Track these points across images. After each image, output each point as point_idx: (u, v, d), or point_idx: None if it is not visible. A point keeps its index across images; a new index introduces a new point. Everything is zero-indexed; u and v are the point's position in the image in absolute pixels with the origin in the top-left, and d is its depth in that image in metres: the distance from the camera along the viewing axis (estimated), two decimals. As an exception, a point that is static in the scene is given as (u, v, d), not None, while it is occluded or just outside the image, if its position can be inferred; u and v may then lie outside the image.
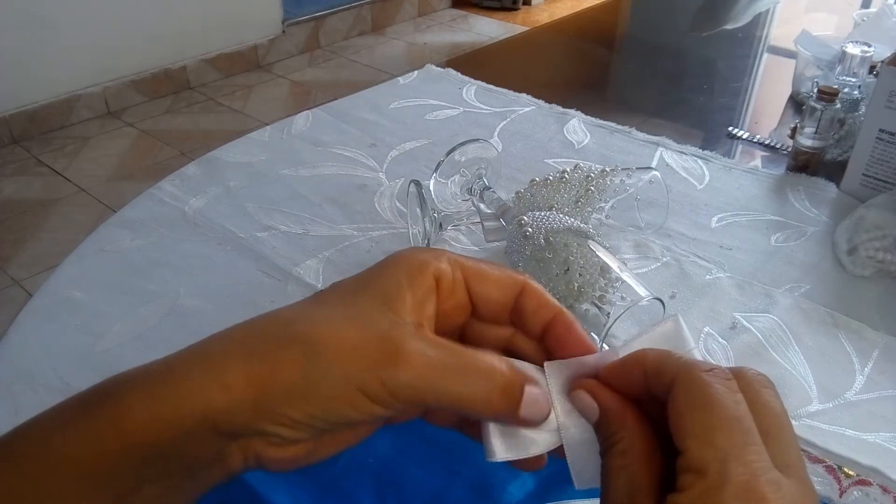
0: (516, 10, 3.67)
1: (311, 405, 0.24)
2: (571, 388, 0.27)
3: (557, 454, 0.27)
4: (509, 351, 0.29)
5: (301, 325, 0.25)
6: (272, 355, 0.25)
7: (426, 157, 0.78)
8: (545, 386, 0.27)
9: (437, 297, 0.27)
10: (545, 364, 0.28)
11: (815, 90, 0.70)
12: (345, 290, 0.27)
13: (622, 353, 0.27)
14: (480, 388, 0.25)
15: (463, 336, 0.30)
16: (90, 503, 0.24)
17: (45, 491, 0.24)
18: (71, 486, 0.24)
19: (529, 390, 0.26)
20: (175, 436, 0.24)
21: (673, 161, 0.78)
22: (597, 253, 0.51)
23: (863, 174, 0.69)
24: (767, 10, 1.26)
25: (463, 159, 0.64)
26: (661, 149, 0.80)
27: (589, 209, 0.59)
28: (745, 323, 0.55)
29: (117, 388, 0.25)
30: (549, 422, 0.27)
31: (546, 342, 0.29)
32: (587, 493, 0.40)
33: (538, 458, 0.27)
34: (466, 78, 0.96)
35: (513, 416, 0.26)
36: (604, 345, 0.50)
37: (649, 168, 0.71)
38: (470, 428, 0.29)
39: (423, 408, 0.27)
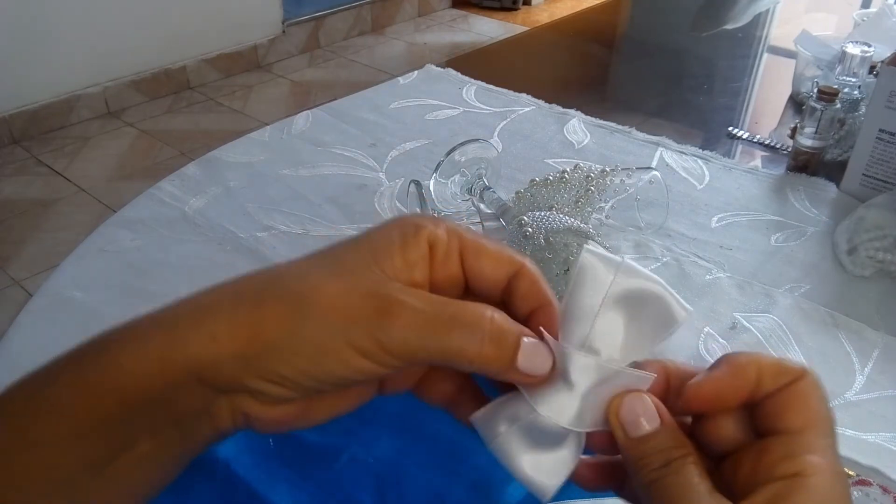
0: (516, 10, 3.67)
1: (299, 360, 0.24)
2: (618, 395, 0.25)
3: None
4: None
5: (290, 280, 0.25)
6: (260, 308, 0.24)
7: (426, 157, 0.78)
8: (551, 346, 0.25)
9: (430, 265, 0.26)
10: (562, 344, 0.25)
11: (815, 90, 0.70)
12: (337, 248, 0.26)
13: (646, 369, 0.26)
14: (472, 337, 0.24)
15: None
16: (83, 456, 0.24)
17: (39, 444, 0.24)
18: (64, 438, 0.24)
19: (528, 340, 0.25)
20: (163, 386, 0.24)
21: (673, 161, 0.78)
22: (597, 253, 0.51)
23: (863, 174, 0.69)
24: (767, 10, 1.26)
25: (463, 159, 0.64)
26: (661, 149, 0.80)
27: (589, 209, 0.59)
28: (745, 323, 0.55)
29: (108, 340, 0.25)
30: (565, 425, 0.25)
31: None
32: (589, 494, 0.40)
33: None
34: (466, 78, 0.96)
35: (510, 368, 0.25)
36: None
37: (649, 168, 0.71)
38: (460, 408, 0.28)
39: (415, 365, 0.26)
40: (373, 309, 0.24)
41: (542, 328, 0.26)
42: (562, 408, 0.25)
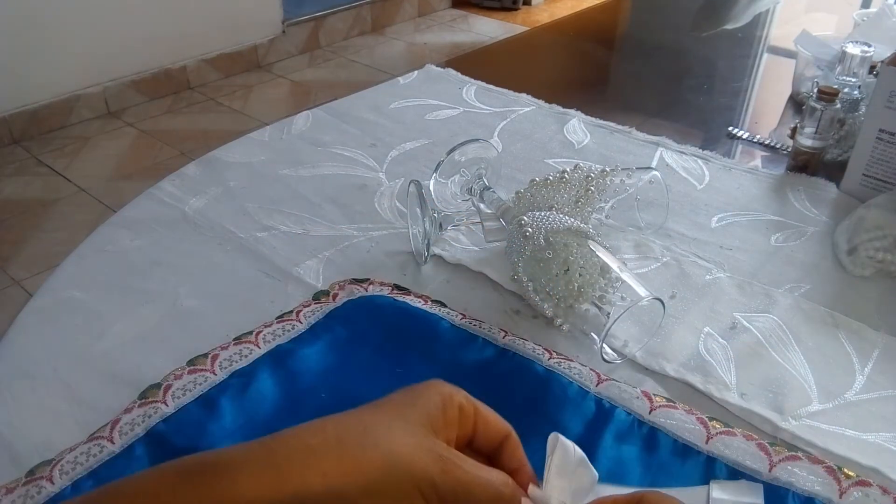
0: (516, 10, 3.67)
1: (383, 499, 0.31)
2: None
3: None
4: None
5: (380, 432, 0.32)
6: (361, 455, 0.31)
7: (426, 157, 0.78)
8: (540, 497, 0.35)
9: (457, 424, 0.35)
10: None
11: (815, 90, 0.70)
12: (403, 409, 0.34)
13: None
14: (495, 497, 0.33)
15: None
16: None
17: None
18: None
19: (524, 501, 0.34)
20: None
21: (673, 161, 0.78)
22: (597, 253, 0.51)
23: (863, 174, 0.69)
24: (767, 10, 1.26)
25: (463, 159, 0.64)
26: (661, 149, 0.80)
27: (589, 209, 0.59)
28: (745, 323, 0.55)
29: (227, 465, 0.30)
30: None
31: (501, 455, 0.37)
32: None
33: None
34: (466, 78, 0.96)
35: None
36: (603, 345, 0.50)
37: (649, 168, 0.71)
38: None
39: None
40: (437, 465, 0.32)
41: (532, 487, 0.36)
42: None
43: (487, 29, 3.46)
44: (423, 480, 0.31)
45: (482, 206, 0.62)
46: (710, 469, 0.43)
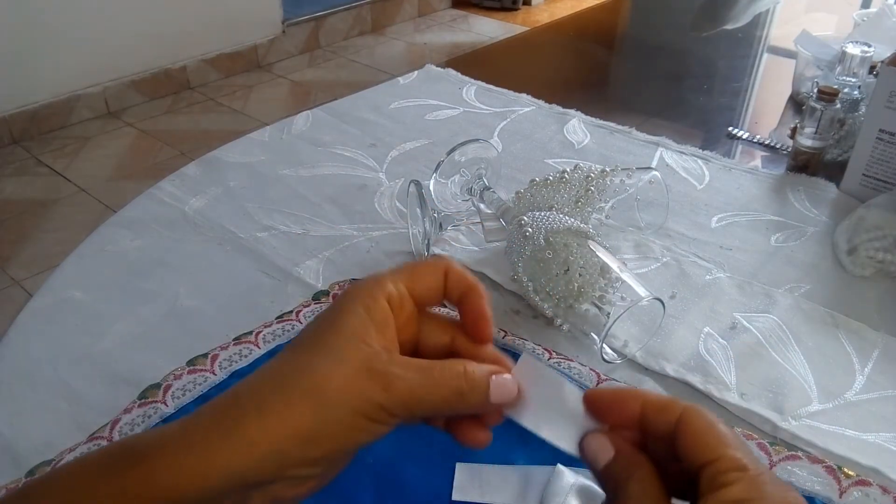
0: (516, 10, 3.67)
1: (329, 441, 0.28)
2: (582, 435, 0.30)
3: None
4: (450, 352, 0.34)
5: (301, 377, 0.29)
6: (285, 409, 0.28)
7: (426, 157, 0.78)
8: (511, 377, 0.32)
9: (394, 317, 0.31)
10: (518, 364, 0.32)
11: (815, 90, 0.70)
12: (321, 337, 0.30)
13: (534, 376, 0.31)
14: (455, 392, 0.30)
15: (417, 344, 0.34)
16: None
17: None
18: None
19: (494, 379, 0.31)
20: (204, 494, 0.27)
21: (673, 161, 0.78)
22: (597, 253, 0.51)
23: (863, 174, 0.69)
24: (767, 10, 1.26)
25: (463, 159, 0.64)
26: (661, 149, 0.80)
27: (589, 209, 0.59)
28: (745, 323, 0.55)
29: (144, 452, 0.27)
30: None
31: (461, 311, 0.33)
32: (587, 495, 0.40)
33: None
34: (466, 78, 0.96)
35: (485, 405, 0.31)
36: (603, 345, 0.50)
37: (649, 168, 0.71)
38: (454, 427, 0.34)
39: (416, 420, 0.32)
40: (378, 385, 0.29)
41: (512, 369, 0.32)
42: (554, 433, 0.31)
43: (487, 29, 3.46)
44: (367, 406, 0.29)
45: (482, 206, 0.62)
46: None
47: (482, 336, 0.33)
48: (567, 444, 0.30)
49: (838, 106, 0.71)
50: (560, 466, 0.41)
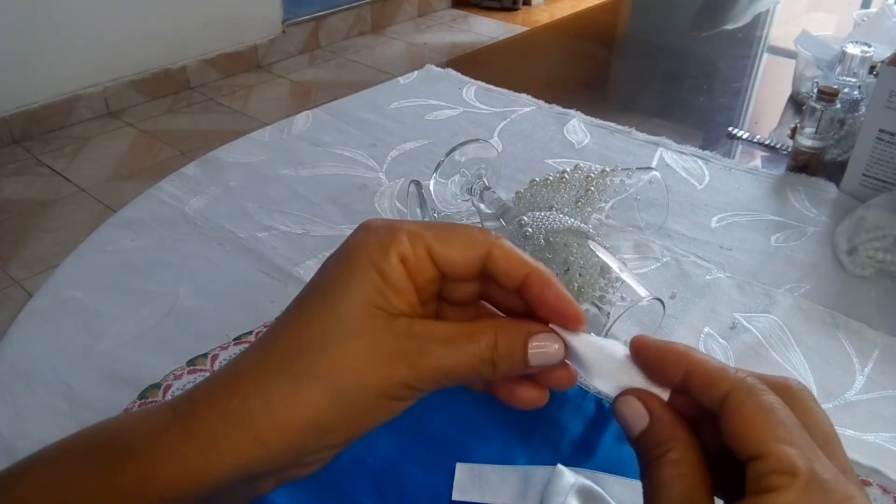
0: (516, 10, 3.67)
1: (347, 428, 0.26)
2: (618, 391, 0.27)
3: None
4: (483, 298, 0.30)
5: (310, 357, 0.25)
6: (296, 398, 0.25)
7: (426, 157, 0.78)
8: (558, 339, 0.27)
9: (410, 280, 0.27)
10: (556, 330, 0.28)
11: (815, 90, 0.70)
12: (327, 303, 0.26)
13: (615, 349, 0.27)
14: (487, 362, 0.26)
15: (440, 297, 0.29)
16: None
17: None
18: None
19: (534, 342, 0.27)
20: (209, 487, 0.24)
21: (673, 161, 0.78)
22: (597, 253, 0.51)
23: (863, 174, 0.69)
24: (767, 10, 1.26)
25: (463, 159, 0.64)
26: (661, 149, 0.80)
27: (589, 209, 0.59)
28: (745, 323, 0.55)
29: (139, 444, 0.25)
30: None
31: (525, 301, 0.28)
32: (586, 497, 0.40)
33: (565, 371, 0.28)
34: (466, 78, 0.96)
35: (526, 369, 0.27)
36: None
37: (649, 168, 0.71)
38: (497, 388, 0.29)
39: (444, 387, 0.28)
40: (399, 363, 0.25)
41: (551, 325, 0.27)
42: (606, 385, 0.27)
43: (487, 29, 3.46)
44: (390, 387, 0.25)
45: (482, 206, 0.62)
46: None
47: (569, 322, 0.27)
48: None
49: (838, 106, 0.70)
50: (560, 466, 0.41)
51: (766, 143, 0.83)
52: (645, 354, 0.26)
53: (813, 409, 0.24)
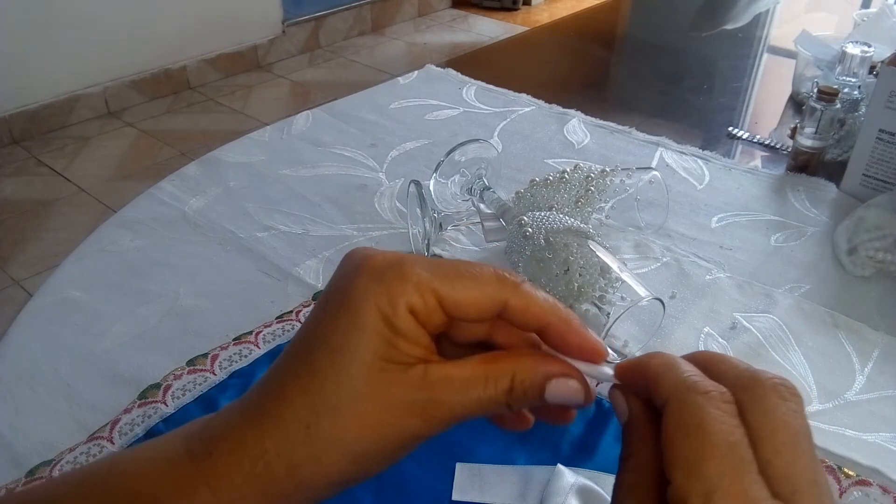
0: (516, 10, 3.67)
1: (368, 475, 0.26)
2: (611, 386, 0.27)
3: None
4: (491, 341, 0.29)
5: (329, 421, 0.25)
6: (319, 464, 0.25)
7: (426, 157, 0.78)
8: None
9: (421, 328, 0.26)
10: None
11: (815, 90, 0.70)
12: (338, 358, 0.25)
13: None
14: (498, 403, 0.26)
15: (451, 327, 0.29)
16: None
17: None
18: None
19: (553, 384, 0.26)
20: None
21: (673, 161, 0.78)
22: (597, 253, 0.51)
23: (863, 174, 0.69)
24: (767, 10, 1.26)
25: (463, 159, 0.64)
26: (661, 149, 0.80)
27: (589, 209, 0.59)
28: (745, 323, 0.55)
29: (161, 496, 0.25)
30: None
31: (546, 342, 0.28)
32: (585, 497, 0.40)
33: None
34: (466, 78, 0.96)
35: (537, 402, 0.26)
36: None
37: (649, 168, 0.71)
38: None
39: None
40: (415, 420, 0.25)
41: (571, 362, 0.27)
42: None
43: (487, 29, 3.46)
44: (408, 441, 0.26)
45: (482, 206, 0.62)
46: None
47: (593, 359, 0.27)
48: None
49: (838, 106, 0.70)
50: (560, 466, 0.41)
51: (766, 143, 0.83)
52: (620, 376, 0.27)
53: (776, 414, 0.22)
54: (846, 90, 0.74)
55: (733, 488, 0.20)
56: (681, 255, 0.62)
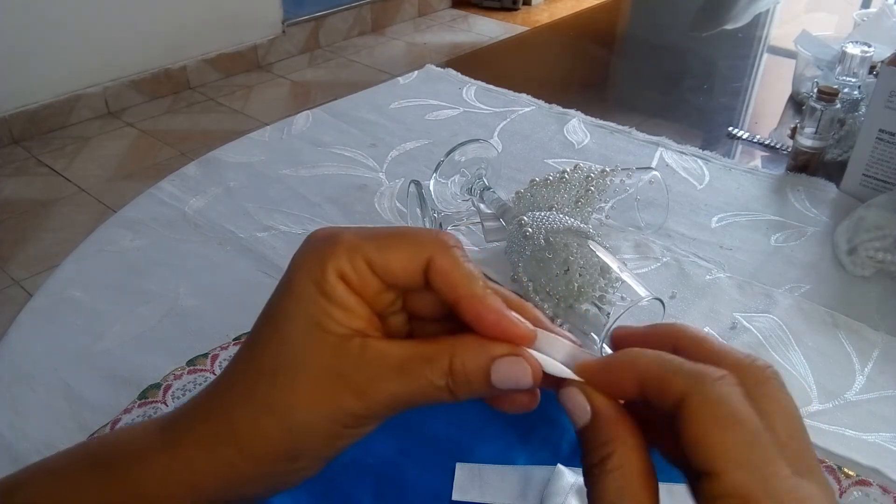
0: (516, 10, 3.67)
1: (310, 455, 0.26)
2: (559, 385, 0.25)
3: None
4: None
5: (264, 387, 0.25)
6: (258, 434, 0.25)
7: (426, 157, 0.78)
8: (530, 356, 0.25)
9: (355, 296, 0.26)
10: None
11: (815, 90, 0.70)
12: (276, 326, 0.26)
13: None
14: (444, 390, 0.25)
15: (407, 305, 0.28)
16: None
17: None
18: None
19: (498, 366, 0.25)
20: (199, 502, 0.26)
21: (673, 161, 0.78)
22: (597, 253, 0.51)
23: (863, 174, 0.69)
24: (767, 10, 1.26)
25: (463, 159, 0.64)
26: (661, 149, 0.80)
27: (589, 209, 0.59)
28: (745, 323, 0.55)
29: (131, 463, 0.27)
30: None
31: (464, 320, 0.26)
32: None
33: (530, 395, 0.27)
34: (466, 78, 0.96)
35: (490, 391, 0.25)
36: (604, 346, 0.50)
37: (649, 168, 0.71)
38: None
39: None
40: (347, 394, 0.25)
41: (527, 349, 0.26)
42: None
43: (487, 29, 3.46)
44: (342, 416, 0.25)
45: (482, 206, 0.62)
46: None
47: (520, 343, 0.26)
48: None
49: (838, 106, 0.70)
50: (560, 466, 0.41)
51: (766, 143, 0.83)
52: (591, 379, 0.25)
53: (779, 398, 0.23)
54: (846, 90, 0.74)
55: (781, 472, 0.21)
56: (681, 255, 0.62)
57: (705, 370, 0.23)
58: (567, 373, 0.25)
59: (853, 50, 0.75)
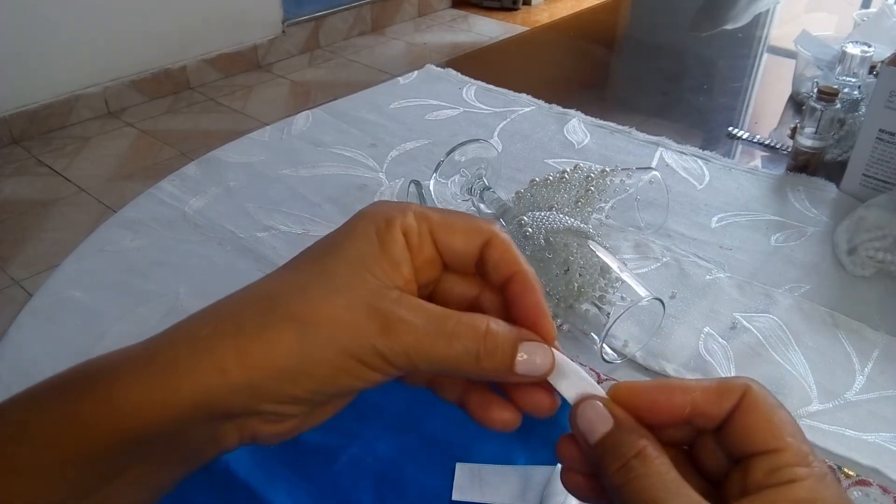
0: (516, 10, 3.67)
1: (310, 381, 0.24)
2: (579, 399, 0.26)
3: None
4: (474, 308, 0.29)
5: (289, 300, 0.25)
6: (266, 334, 0.24)
7: (426, 157, 0.78)
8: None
9: (409, 255, 0.27)
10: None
11: (815, 90, 0.70)
12: (321, 258, 0.26)
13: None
14: (468, 351, 0.25)
15: (434, 292, 0.29)
16: (69, 485, 0.24)
17: (23, 472, 0.23)
18: (49, 468, 0.23)
19: (525, 346, 0.26)
20: (167, 420, 0.24)
21: (673, 161, 0.78)
22: (597, 253, 0.51)
23: (863, 174, 0.69)
24: (767, 10, 1.26)
25: (463, 159, 0.64)
26: (661, 149, 0.80)
27: (589, 209, 0.59)
28: (745, 323, 0.55)
29: (97, 373, 0.25)
30: None
31: (506, 298, 0.28)
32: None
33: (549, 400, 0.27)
34: (466, 78, 0.96)
35: (509, 373, 0.26)
36: (603, 345, 0.50)
37: (649, 168, 0.71)
38: (470, 403, 0.29)
39: (418, 372, 0.28)
40: (376, 326, 0.24)
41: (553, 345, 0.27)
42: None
43: (487, 29, 3.46)
44: (359, 347, 0.24)
45: (482, 206, 0.62)
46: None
47: (540, 335, 0.27)
48: None
49: (838, 106, 0.70)
50: (560, 466, 0.41)
51: (766, 143, 0.83)
52: (637, 400, 0.26)
53: (779, 408, 0.25)
54: (846, 90, 0.74)
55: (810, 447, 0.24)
56: (681, 255, 0.62)
57: (738, 379, 0.26)
58: (589, 380, 0.27)
59: (853, 50, 0.75)
